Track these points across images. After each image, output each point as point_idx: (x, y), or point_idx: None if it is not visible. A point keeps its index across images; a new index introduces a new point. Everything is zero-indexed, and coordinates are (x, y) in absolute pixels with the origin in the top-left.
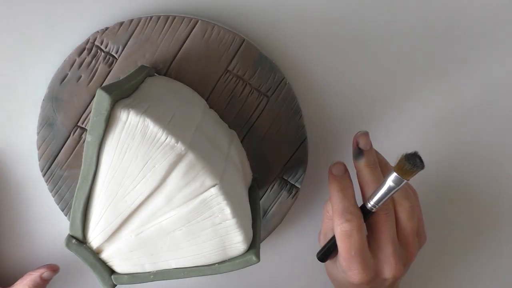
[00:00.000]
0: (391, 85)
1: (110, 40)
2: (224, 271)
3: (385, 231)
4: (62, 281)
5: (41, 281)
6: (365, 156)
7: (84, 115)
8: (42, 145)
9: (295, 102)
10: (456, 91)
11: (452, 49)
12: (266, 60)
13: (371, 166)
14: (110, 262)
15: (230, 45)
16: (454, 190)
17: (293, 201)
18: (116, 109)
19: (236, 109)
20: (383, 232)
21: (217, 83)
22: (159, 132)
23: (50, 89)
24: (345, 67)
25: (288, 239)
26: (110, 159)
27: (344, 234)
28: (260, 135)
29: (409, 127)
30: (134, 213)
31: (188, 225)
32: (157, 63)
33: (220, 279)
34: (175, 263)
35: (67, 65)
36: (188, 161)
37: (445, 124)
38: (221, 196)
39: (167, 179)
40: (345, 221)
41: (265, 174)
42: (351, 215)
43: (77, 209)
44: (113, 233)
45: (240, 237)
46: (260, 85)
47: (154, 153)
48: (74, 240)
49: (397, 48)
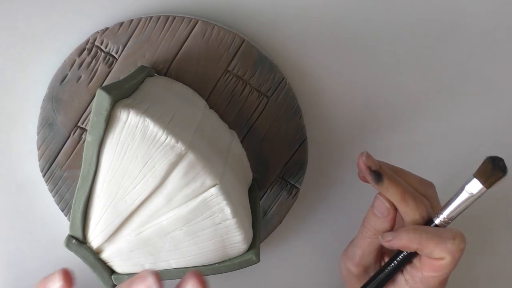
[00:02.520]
0: (392, 85)
1: (110, 40)
2: (224, 271)
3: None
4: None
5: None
6: (384, 174)
7: (84, 115)
8: (42, 145)
9: (295, 102)
10: (456, 90)
11: (454, 49)
12: (266, 60)
13: (396, 181)
14: (110, 262)
15: (230, 45)
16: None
17: (293, 201)
18: (116, 109)
19: (236, 109)
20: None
21: (217, 83)
22: (159, 132)
23: (50, 89)
24: (345, 67)
25: (288, 239)
26: (110, 159)
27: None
28: (260, 135)
29: (409, 127)
30: (134, 213)
31: (188, 225)
32: (157, 63)
33: (220, 279)
34: (175, 263)
35: (67, 65)
36: (188, 161)
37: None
38: (221, 196)
39: (167, 179)
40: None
41: (265, 174)
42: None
43: (77, 209)
44: (113, 233)
45: (240, 237)
46: (260, 85)
47: (154, 153)
48: (74, 240)
49: (398, 48)
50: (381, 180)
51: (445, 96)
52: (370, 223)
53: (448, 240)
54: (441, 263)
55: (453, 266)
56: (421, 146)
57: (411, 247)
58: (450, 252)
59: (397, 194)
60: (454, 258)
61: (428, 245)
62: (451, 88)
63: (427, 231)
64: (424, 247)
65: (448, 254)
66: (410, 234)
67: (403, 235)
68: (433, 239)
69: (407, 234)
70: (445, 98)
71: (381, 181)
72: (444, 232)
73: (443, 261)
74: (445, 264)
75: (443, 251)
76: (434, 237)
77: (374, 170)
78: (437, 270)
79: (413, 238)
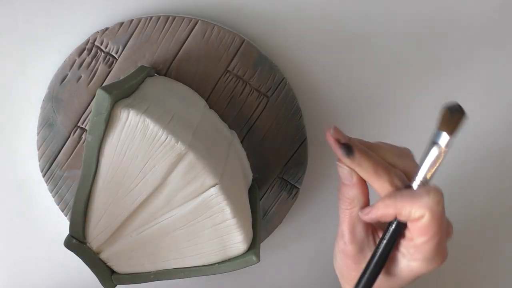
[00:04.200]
0: (392, 85)
1: (110, 40)
2: (224, 271)
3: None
4: (62, 281)
5: None
6: (355, 147)
7: (84, 116)
8: (42, 145)
9: (295, 102)
10: (455, 90)
11: (454, 48)
12: (266, 60)
13: (367, 154)
14: (110, 262)
15: (230, 45)
16: (454, 189)
17: (293, 201)
18: (116, 109)
19: (236, 110)
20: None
21: (217, 83)
22: (159, 131)
23: (50, 89)
24: (345, 67)
25: (288, 239)
26: (110, 159)
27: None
28: (260, 135)
29: (409, 127)
30: (134, 213)
31: (188, 225)
32: (157, 63)
33: (220, 279)
34: (175, 263)
35: (67, 66)
36: (188, 161)
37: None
38: (221, 196)
39: (167, 179)
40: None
41: (265, 174)
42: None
43: (77, 209)
44: (113, 233)
45: (240, 237)
46: (260, 85)
47: (154, 153)
48: (74, 240)
49: (398, 48)
50: (352, 153)
51: (445, 96)
52: (342, 194)
53: (423, 196)
54: (424, 222)
55: (437, 223)
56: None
57: (389, 213)
58: (427, 207)
59: (369, 168)
60: (433, 212)
61: (404, 206)
62: (452, 87)
63: (402, 193)
64: (401, 209)
65: (426, 210)
66: (385, 201)
67: (379, 203)
68: (408, 199)
69: (382, 201)
70: (446, 98)
71: (352, 154)
72: (417, 191)
73: (424, 219)
74: (427, 222)
75: (420, 208)
76: (408, 197)
77: (344, 143)
78: (423, 232)
79: (389, 204)
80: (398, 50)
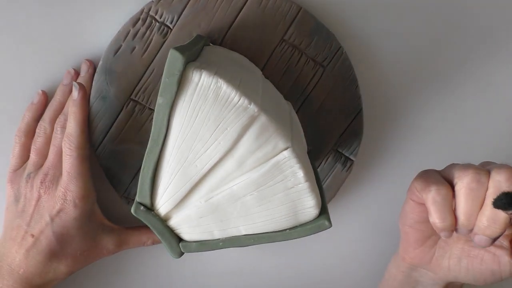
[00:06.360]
0: (452, 54)
1: (165, 10)
2: (296, 237)
3: None
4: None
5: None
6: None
7: (137, 88)
8: (94, 119)
9: (351, 71)
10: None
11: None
12: (322, 28)
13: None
14: (178, 229)
15: (287, 13)
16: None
17: (347, 174)
18: (188, 70)
19: (292, 80)
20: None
21: (272, 52)
22: (232, 93)
23: (104, 61)
24: (404, 36)
25: (342, 213)
26: (181, 122)
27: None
28: (315, 106)
29: (468, 96)
30: (204, 178)
31: (259, 189)
32: (213, 32)
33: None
34: (245, 229)
35: (121, 36)
36: (260, 123)
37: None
38: (294, 159)
39: (239, 142)
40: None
41: (319, 146)
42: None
43: (146, 174)
44: (182, 200)
45: (312, 201)
46: (316, 54)
47: (227, 115)
48: (142, 207)
49: (460, 17)
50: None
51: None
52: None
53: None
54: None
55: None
56: (483, 112)
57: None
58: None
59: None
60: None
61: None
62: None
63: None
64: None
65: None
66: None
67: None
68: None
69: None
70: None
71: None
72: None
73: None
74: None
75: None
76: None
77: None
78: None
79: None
80: (461, 19)
